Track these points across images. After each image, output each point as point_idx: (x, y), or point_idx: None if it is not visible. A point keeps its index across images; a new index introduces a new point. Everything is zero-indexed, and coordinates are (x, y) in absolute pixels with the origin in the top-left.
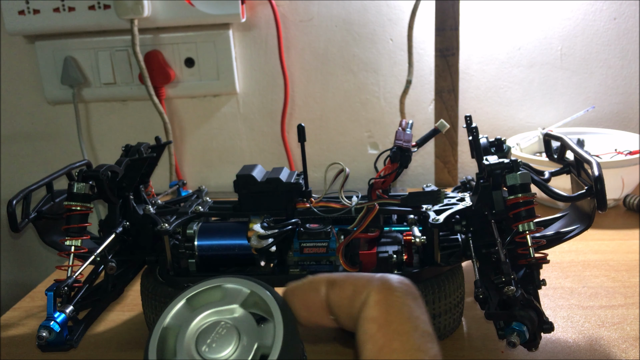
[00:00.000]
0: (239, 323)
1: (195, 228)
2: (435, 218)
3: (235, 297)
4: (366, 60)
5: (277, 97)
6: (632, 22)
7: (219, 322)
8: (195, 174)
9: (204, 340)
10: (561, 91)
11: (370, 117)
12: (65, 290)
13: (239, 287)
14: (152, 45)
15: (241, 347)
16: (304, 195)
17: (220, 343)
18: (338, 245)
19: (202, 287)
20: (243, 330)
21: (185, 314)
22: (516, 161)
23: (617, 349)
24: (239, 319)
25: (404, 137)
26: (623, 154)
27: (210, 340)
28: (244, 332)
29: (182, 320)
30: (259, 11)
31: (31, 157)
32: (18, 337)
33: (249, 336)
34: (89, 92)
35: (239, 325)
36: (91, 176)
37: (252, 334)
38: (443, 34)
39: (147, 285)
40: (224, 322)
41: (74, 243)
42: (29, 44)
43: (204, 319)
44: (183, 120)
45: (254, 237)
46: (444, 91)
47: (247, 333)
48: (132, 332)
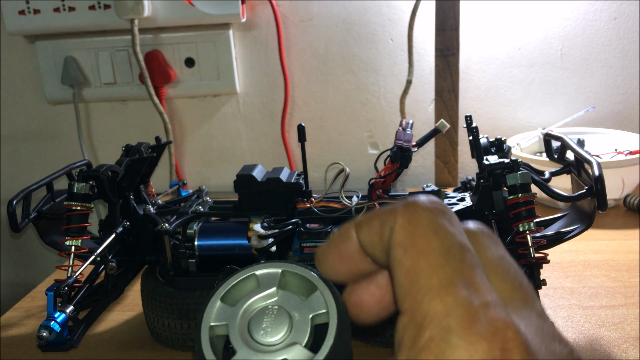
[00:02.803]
0: (283, 302)
1: (195, 228)
2: None
3: (270, 281)
4: (366, 60)
5: (277, 97)
6: (632, 22)
7: (265, 308)
8: (195, 174)
9: (257, 329)
10: (561, 91)
11: (371, 117)
12: (65, 290)
13: (269, 270)
14: (153, 45)
15: (296, 323)
16: (304, 195)
17: (274, 326)
18: None
19: (233, 282)
20: (291, 307)
21: (227, 311)
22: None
23: (618, 349)
24: (281, 299)
25: (404, 137)
26: (623, 154)
27: (264, 326)
28: (293, 308)
29: (225, 317)
30: (259, 11)
31: (31, 157)
32: (18, 337)
33: (299, 311)
34: (89, 92)
35: (285, 305)
36: (91, 176)
37: (301, 308)
38: (443, 34)
39: (148, 285)
40: (269, 306)
41: (74, 243)
42: (29, 44)
43: (247, 309)
44: (183, 120)
45: (254, 237)
46: (444, 91)
47: (296, 309)
48: (132, 332)
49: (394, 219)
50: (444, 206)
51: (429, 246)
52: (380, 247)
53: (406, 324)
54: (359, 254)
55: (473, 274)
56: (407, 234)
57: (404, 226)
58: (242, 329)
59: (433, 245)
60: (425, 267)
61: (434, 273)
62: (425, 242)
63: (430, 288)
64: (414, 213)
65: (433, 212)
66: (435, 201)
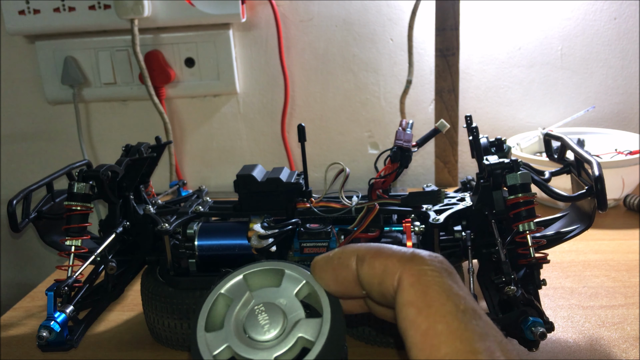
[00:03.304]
0: (288, 310)
1: (195, 228)
2: (435, 218)
3: (291, 284)
4: (366, 60)
5: (277, 97)
6: (632, 22)
7: (251, 311)
8: (195, 174)
9: (258, 331)
10: (561, 91)
11: (371, 117)
12: (65, 290)
13: (297, 275)
14: (153, 45)
15: (285, 335)
16: (304, 195)
17: (271, 319)
18: (338, 245)
19: (261, 267)
20: (272, 298)
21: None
22: (516, 161)
23: (618, 349)
24: (259, 297)
25: (404, 137)
26: (623, 154)
27: (258, 320)
28: (275, 298)
29: (236, 293)
30: (259, 11)
31: (31, 157)
32: (18, 337)
33: (281, 296)
34: (89, 92)
35: (288, 312)
36: (91, 176)
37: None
38: (443, 33)
39: (148, 285)
40: (253, 308)
41: (74, 243)
42: (29, 44)
43: (257, 297)
44: (183, 120)
45: (254, 237)
46: (444, 91)
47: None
48: (132, 332)
49: (399, 273)
50: (448, 264)
51: (444, 309)
52: (378, 289)
53: None
54: (354, 284)
55: (489, 341)
56: (418, 294)
57: (414, 285)
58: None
59: (448, 309)
60: (445, 331)
61: (456, 338)
62: (440, 305)
63: (456, 354)
64: (423, 272)
65: (441, 272)
66: (440, 260)
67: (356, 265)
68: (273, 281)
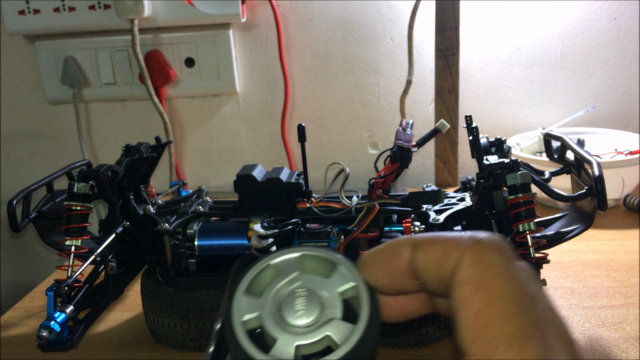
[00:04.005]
0: (309, 284)
1: (195, 228)
2: (435, 218)
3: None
4: (366, 60)
5: (277, 97)
6: (632, 22)
7: (292, 292)
8: (195, 174)
9: (291, 313)
10: (561, 91)
11: (371, 117)
12: (65, 290)
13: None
14: (153, 45)
15: (314, 328)
16: (304, 195)
17: (307, 307)
18: (338, 245)
19: (320, 253)
20: (317, 287)
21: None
22: (516, 161)
23: (618, 349)
24: (305, 281)
25: (404, 137)
26: (623, 154)
27: (297, 309)
28: (319, 288)
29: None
30: (259, 11)
31: (31, 157)
32: (18, 337)
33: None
34: (89, 92)
35: (311, 285)
36: (91, 176)
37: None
38: (443, 33)
39: (148, 285)
40: (296, 290)
41: (74, 243)
42: (29, 44)
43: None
44: (183, 120)
45: (254, 237)
46: (444, 91)
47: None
48: (132, 332)
49: (460, 254)
50: (508, 247)
51: (502, 292)
52: (436, 275)
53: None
54: (407, 274)
55: (545, 328)
56: (477, 274)
57: (474, 264)
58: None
59: (506, 292)
60: (499, 313)
61: (510, 322)
62: (499, 287)
63: (506, 337)
64: (485, 253)
65: (504, 255)
66: (501, 241)
67: (410, 254)
68: (324, 271)
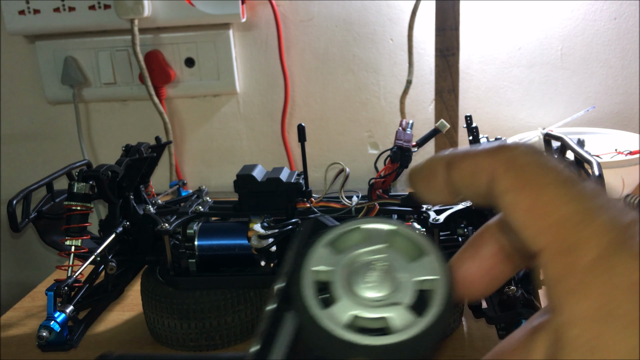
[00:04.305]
0: (390, 260)
1: (195, 228)
2: (435, 218)
3: (377, 237)
4: (366, 60)
5: (277, 97)
6: (632, 22)
7: (370, 262)
8: (195, 174)
9: (360, 282)
10: (561, 91)
11: (371, 117)
12: (65, 290)
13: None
14: (153, 45)
15: (401, 284)
16: (304, 195)
17: (378, 282)
18: None
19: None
20: (396, 267)
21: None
22: None
23: None
24: (388, 257)
25: (404, 137)
26: (623, 154)
27: (367, 280)
28: (398, 269)
29: (374, 238)
30: (259, 11)
31: (31, 157)
32: (18, 337)
33: (405, 272)
34: (89, 92)
35: (396, 290)
36: (91, 176)
37: (408, 271)
38: (443, 34)
39: (148, 285)
40: (374, 262)
41: (74, 243)
42: (29, 44)
43: (352, 260)
44: (183, 120)
45: (254, 237)
46: (444, 91)
47: (401, 270)
48: (132, 332)
49: (491, 166)
50: (536, 146)
51: (545, 181)
52: (472, 190)
53: (551, 257)
54: (447, 191)
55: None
56: (513, 178)
57: (507, 171)
58: (345, 278)
59: (549, 179)
60: (551, 199)
61: (566, 202)
62: (540, 178)
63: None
64: (512, 157)
65: (534, 152)
66: (527, 144)
67: (445, 172)
68: (411, 254)
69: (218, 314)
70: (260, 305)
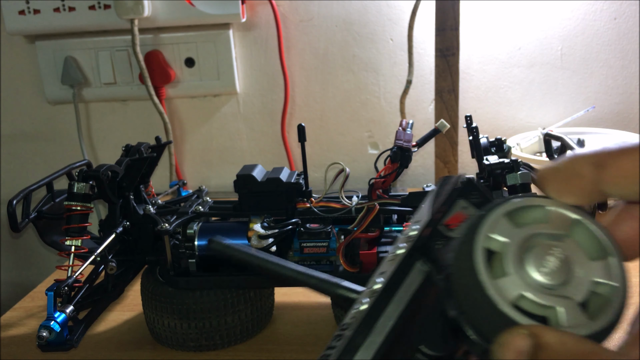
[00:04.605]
0: (569, 251)
1: (195, 228)
2: None
3: (560, 223)
4: (366, 60)
5: (277, 97)
6: (632, 22)
7: (548, 247)
8: (195, 174)
9: (534, 263)
10: (561, 91)
11: (371, 117)
12: (65, 290)
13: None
14: (153, 45)
15: (575, 279)
16: (304, 195)
17: (553, 269)
18: (338, 245)
19: (522, 204)
20: (574, 260)
21: (509, 229)
22: (516, 161)
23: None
24: (568, 247)
25: (404, 137)
26: None
27: (541, 264)
28: (576, 263)
29: (505, 235)
30: (259, 11)
31: (31, 157)
32: (18, 337)
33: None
34: (89, 92)
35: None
36: (91, 176)
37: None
38: (443, 34)
39: (148, 285)
40: (553, 247)
41: (74, 243)
42: (29, 44)
43: (529, 238)
44: (183, 120)
45: (254, 237)
46: (444, 91)
47: (579, 265)
48: (132, 332)
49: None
50: None
51: None
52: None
53: None
54: (594, 192)
55: None
56: None
57: None
58: (516, 254)
59: None
60: None
61: None
62: None
63: None
64: None
65: None
66: None
67: (594, 173)
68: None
69: (218, 314)
70: (261, 305)
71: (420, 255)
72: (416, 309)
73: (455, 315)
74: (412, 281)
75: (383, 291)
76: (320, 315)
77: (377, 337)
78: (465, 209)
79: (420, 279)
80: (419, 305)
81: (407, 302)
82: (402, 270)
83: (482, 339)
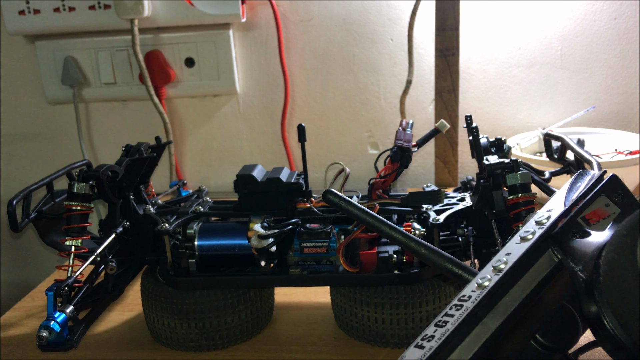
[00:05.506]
0: None
1: (195, 228)
2: (435, 218)
3: None
4: (366, 60)
5: (277, 97)
6: (632, 22)
7: None
8: (195, 174)
9: None
10: (561, 91)
11: (371, 117)
12: (65, 290)
13: None
14: (152, 45)
15: None
16: (304, 195)
17: None
18: (338, 245)
19: None
20: None
21: None
22: (516, 161)
23: None
24: None
25: (404, 137)
26: (623, 154)
27: None
28: None
29: None
30: (259, 11)
31: (31, 157)
32: (18, 337)
33: None
34: (89, 92)
35: None
36: (91, 176)
37: None
38: (443, 34)
39: (148, 285)
40: None
41: (74, 243)
42: (29, 44)
43: None
44: (183, 120)
45: (254, 237)
46: (444, 91)
47: None
48: (132, 332)
49: None
50: None
51: None
52: None
53: None
54: None
55: None
56: None
57: None
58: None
59: None
60: None
61: None
62: None
63: None
64: None
65: None
66: None
67: None
68: None
69: (218, 314)
70: (261, 305)
71: (553, 242)
72: (541, 295)
73: (596, 309)
74: (541, 267)
75: (510, 271)
76: (320, 315)
77: (499, 315)
78: (608, 206)
79: (550, 266)
80: (544, 293)
81: (534, 287)
82: (533, 255)
83: (629, 333)
